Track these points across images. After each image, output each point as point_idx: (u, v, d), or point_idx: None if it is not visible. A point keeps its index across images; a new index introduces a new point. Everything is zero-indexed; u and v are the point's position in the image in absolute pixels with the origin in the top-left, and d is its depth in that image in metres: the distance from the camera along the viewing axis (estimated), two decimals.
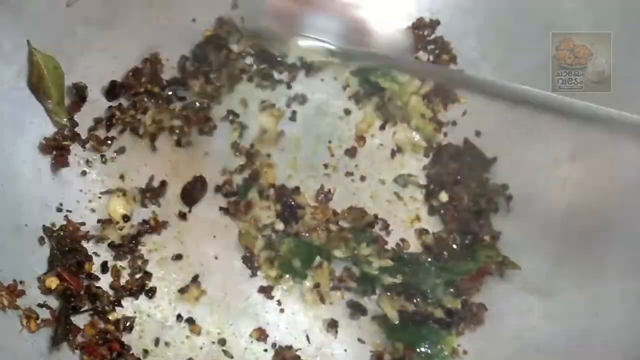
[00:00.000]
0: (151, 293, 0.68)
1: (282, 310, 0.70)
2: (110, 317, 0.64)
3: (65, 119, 0.69)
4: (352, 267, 0.73)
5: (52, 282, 0.61)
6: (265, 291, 0.71)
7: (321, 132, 0.78)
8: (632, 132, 0.66)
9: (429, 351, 0.69)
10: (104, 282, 0.67)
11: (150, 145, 0.74)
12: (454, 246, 0.74)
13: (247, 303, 0.70)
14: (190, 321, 0.68)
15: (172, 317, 0.67)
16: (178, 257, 0.70)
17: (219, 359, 0.67)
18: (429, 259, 0.74)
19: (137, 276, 0.67)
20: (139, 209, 0.71)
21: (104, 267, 0.67)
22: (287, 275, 0.72)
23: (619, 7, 0.70)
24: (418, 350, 0.69)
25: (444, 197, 0.75)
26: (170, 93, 0.76)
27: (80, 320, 0.63)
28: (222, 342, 0.67)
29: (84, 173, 0.70)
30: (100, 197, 0.70)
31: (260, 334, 0.69)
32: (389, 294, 0.71)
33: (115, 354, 0.61)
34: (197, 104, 0.76)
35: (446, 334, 0.70)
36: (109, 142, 0.72)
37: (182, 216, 0.72)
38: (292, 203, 0.74)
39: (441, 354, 0.69)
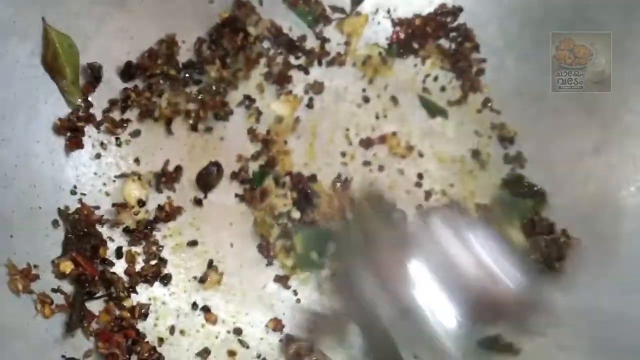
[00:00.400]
0: (166, 280, 0.66)
1: (298, 301, 0.69)
2: (125, 304, 0.62)
3: (79, 99, 0.68)
4: None
5: (67, 267, 0.60)
6: (282, 281, 0.69)
7: (339, 119, 0.77)
8: None
9: None
10: (119, 267, 0.65)
11: (165, 129, 0.72)
12: None
13: (263, 292, 0.69)
14: (206, 309, 0.66)
15: (187, 305, 0.66)
16: (193, 243, 0.69)
17: (235, 349, 0.66)
18: None
19: (152, 262, 0.66)
20: (153, 194, 0.70)
21: (119, 253, 0.66)
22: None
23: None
24: None
25: None
26: (186, 76, 0.74)
27: (95, 306, 0.62)
28: (238, 331, 0.66)
29: (98, 155, 0.69)
30: (114, 181, 0.69)
31: (277, 324, 0.67)
32: None
33: (131, 341, 0.60)
34: (214, 88, 0.74)
35: None
36: (124, 124, 0.71)
37: (198, 202, 0.71)
38: (309, 191, 0.72)
39: None
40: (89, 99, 0.69)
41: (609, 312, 0.66)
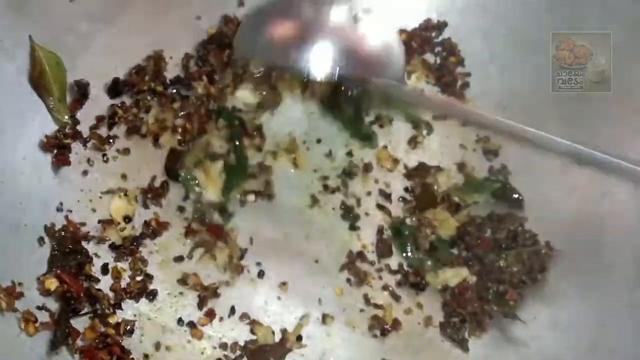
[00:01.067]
0: (152, 296, 0.66)
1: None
2: (110, 321, 0.62)
3: (66, 117, 0.68)
4: None
5: (52, 284, 0.60)
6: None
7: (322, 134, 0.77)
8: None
9: None
10: (104, 284, 0.66)
11: (152, 145, 0.73)
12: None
13: (250, 308, 0.68)
14: (192, 325, 0.66)
15: (173, 321, 0.66)
16: (179, 259, 0.69)
17: None
18: None
19: (138, 278, 0.66)
20: (140, 210, 0.70)
21: (105, 269, 0.66)
22: None
23: (619, 7, 0.70)
24: None
25: None
26: (173, 91, 0.75)
27: (80, 323, 0.62)
28: (224, 347, 0.66)
29: (85, 172, 0.69)
30: (101, 197, 0.69)
31: None
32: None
33: (115, 358, 0.60)
34: (201, 104, 0.75)
35: None
36: (111, 140, 0.71)
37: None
38: None
39: None
40: (76, 116, 0.70)
41: (592, 322, 0.66)
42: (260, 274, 0.70)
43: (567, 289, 0.69)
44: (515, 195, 0.74)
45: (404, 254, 0.73)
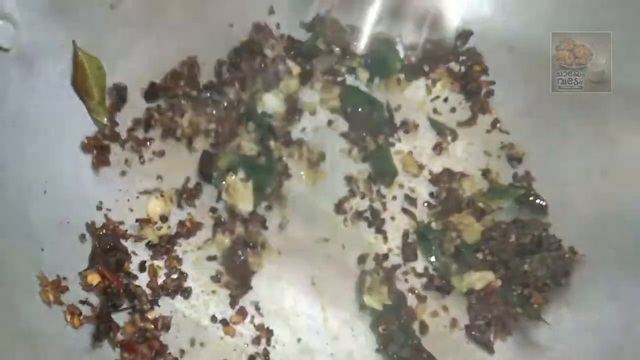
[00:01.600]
0: (187, 293, 0.68)
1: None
2: (149, 316, 0.64)
3: (105, 119, 0.71)
4: None
5: (94, 279, 0.62)
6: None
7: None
8: None
9: None
10: (142, 281, 0.67)
11: (186, 147, 0.75)
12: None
13: (280, 306, 0.70)
14: (224, 322, 0.68)
15: (207, 318, 0.68)
16: (212, 258, 0.71)
17: None
18: None
19: (174, 276, 0.68)
20: (175, 210, 0.72)
21: (142, 266, 0.68)
22: None
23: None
24: None
25: None
26: (207, 96, 0.77)
27: (120, 318, 0.64)
28: (256, 342, 0.68)
29: (123, 173, 0.71)
30: (138, 197, 0.71)
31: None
32: None
33: (154, 352, 0.62)
34: (232, 109, 0.77)
35: None
36: (148, 143, 0.73)
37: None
38: None
39: None
40: (115, 118, 0.72)
41: (616, 327, 0.67)
42: (289, 275, 0.71)
43: (591, 293, 0.69)
44: (540, 201, 0.76)
45: (429, 258, 0.74)
